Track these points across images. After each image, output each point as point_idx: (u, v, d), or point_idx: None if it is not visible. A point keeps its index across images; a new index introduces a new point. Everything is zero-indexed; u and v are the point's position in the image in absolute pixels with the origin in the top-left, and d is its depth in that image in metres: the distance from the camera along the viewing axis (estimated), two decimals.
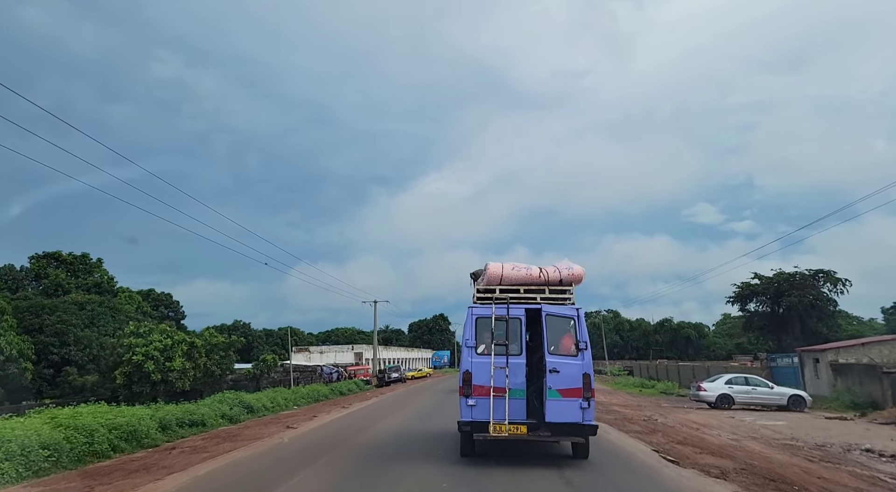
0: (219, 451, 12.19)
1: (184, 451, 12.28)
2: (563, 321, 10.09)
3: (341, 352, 79.67)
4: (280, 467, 10.13)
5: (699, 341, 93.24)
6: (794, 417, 20.36)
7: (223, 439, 14.04)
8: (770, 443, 13.61)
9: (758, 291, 79.83)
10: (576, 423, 9.55)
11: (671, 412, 21.68)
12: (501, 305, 10.15)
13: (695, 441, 13.51)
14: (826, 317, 72.51)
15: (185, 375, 18.80)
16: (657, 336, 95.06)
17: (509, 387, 9.62)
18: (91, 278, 52.23)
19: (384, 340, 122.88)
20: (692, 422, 17.39)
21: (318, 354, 79.55)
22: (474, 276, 11.24)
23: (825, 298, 72.71)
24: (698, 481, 8.95)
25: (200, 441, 13.65)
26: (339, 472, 9.65)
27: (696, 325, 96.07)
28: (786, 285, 75.80)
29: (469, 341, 10.06)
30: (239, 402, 17.81)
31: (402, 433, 14.18)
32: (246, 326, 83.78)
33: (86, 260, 53.15)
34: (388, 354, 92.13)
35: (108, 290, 51.91)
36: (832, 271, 73.72)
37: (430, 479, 8.80)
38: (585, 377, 9.61)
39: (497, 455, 10.65)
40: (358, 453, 11.54)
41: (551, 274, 10.64)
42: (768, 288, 77.71)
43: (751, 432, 15.51)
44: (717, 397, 23.92)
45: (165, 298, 68.37)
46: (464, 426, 9.76)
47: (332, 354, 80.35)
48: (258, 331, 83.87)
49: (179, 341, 19.39)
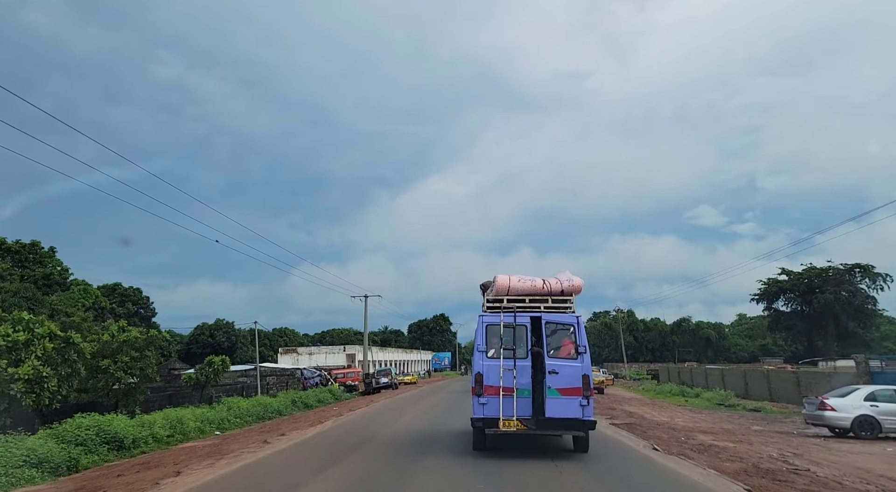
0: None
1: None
2: (563, 328, 11.03)
3: (332, 353, 73.57)
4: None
5: (719, 343, 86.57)
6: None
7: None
8: None
9: (786, 288, 73.22)
10: (575, 418, 10.51)
11: (805, 447, 13.91)
12: (509, 313, 11.11)
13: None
14: (864, 316, 65.88)
15: (43, 386, 12.52)
16: (674, 337, 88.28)
17: (517, 387, 10.65)
18: (41, 269, 46.24)
19: (383, 341, 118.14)
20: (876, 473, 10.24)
21: (307, 355, 73.50)
22: (483, 287, 12.07)
23: (863, 295, 66.10)
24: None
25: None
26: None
27: (716, 325, 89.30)
28: (818, 281, 69.23)
29: (480, 346, 11.07)
30: (98, 433, 11.64)
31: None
32: (229, 325, 77.43)
33: (35, 249, 47.11)
34: (385, 355, 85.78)
35: (59, 282, 46.06)
36: (870, 266, 67.05)
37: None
38: (584, 378, 10.58)
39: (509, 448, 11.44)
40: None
41: (553, 285, 11.41)
42: (797, 284, 71.09)
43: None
44: (854, 421, 16.20)
45: (133, 294, 62.35)
46: (476, 422, 10.71)
47: (321, 355, 74.44)
48: (243, 331, 77.61)
49: (43, 336, 13.17)
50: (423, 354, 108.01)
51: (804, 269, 73.40)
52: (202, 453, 12.55)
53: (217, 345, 69.80)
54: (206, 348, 68.40)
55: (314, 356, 73.82)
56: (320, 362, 70.87)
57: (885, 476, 10.13)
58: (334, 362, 71.17)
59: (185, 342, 75.11)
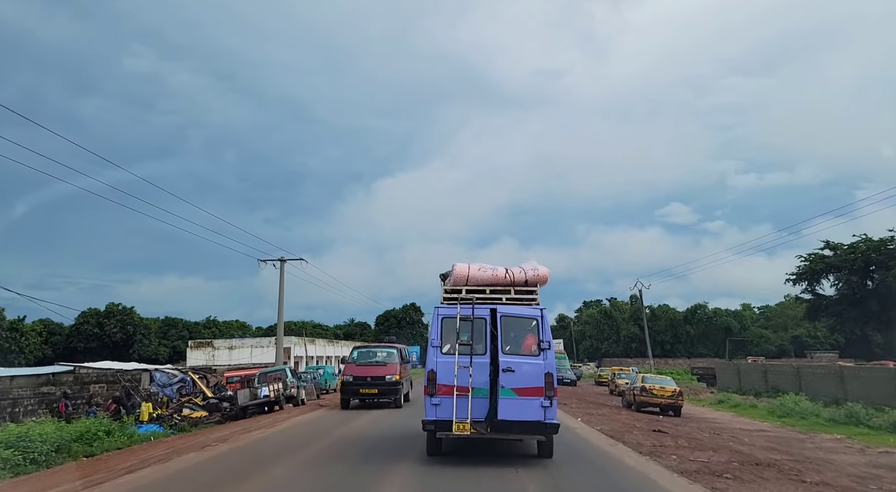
0: None
1: None
2: (524, 322, 10.22)
3: (259, 347, 57.79)
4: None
5: (741, 333, 72.32)
6: None
7: None
8: None
9: (835, 266, 58.66)
10: (536, 421, 9.55)
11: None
12: (467, 305, 10.22)
13: None
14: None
15: None
16: (688, 327, 73.74)
17: (472, 386, 9.68)
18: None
19: (346, 335, 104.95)
20: None
21: (227, 349, 57.52)
22: (443, 277, 11.22)
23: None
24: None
25: None
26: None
27: (736, 313, 74.88)
28: (878, 256, 54.66)
29: (434, 341, 10.17)
30: None
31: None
32: (125, 312, 61.05)
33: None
34: (333, 350, 69.65)
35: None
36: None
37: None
38: (548, 376, 9.66)
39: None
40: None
41: (517, 275, 10.71)
42: (850, 261, 56.51)
43: None
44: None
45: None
46: (428, 425, 9.80)
47: (246, 349, 59.22)
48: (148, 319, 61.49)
49: None
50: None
51: (858, 239, 58.26)
52: None
53: (107, 337, 54.07)
54: (92, 342, 52.47)
55: (236, 351, 58.08)
56: (244, 358, 55.89)
57: None
58: (260, 359, 55.47)
59: (65, 335, 58.41)
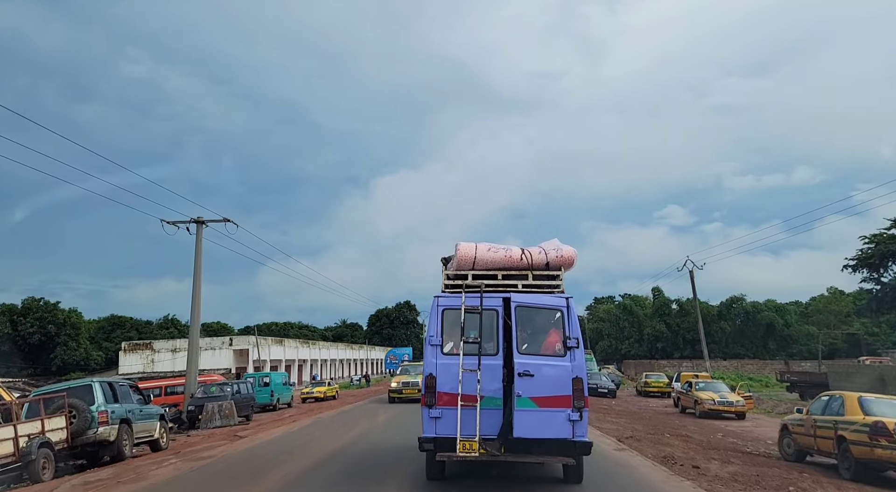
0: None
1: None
2: (545, 313, 8.09)
3: (211, 349, 48.02)
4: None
5: (784, 330, 62.29)
6: None
7: None
8: None
9: None
10: (562, 439, 7.43)
11: None
12: (474, 294, 8.08)
13: None
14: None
15: None
16: (723, 323, 63.63)
17: (481, 395, 7.55)
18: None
19: (335, 336, 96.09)
20: None
21: (170, 352, 47.74)
22: (445, 261, 9.11)
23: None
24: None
25: None
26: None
27: (779, 307, 64.74)
28: None
29: (433, 339, 8.02)
30: None
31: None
32: (49, 306, 51.59)
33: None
34: (307, 353, 59.68)
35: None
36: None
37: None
38: (576, 382, 7.54)
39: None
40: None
41: (535, 257, 8.56)
42: None
43: None
44: None
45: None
46: (426, 444, 7.69)
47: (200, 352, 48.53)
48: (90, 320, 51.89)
49: None
50: (375, 351, 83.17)
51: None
52: None
53: (21, 339, 44.67)
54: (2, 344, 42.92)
55: (181, 354, 48.40)
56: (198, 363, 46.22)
57: None
58: (213, 364, 45.86)
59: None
